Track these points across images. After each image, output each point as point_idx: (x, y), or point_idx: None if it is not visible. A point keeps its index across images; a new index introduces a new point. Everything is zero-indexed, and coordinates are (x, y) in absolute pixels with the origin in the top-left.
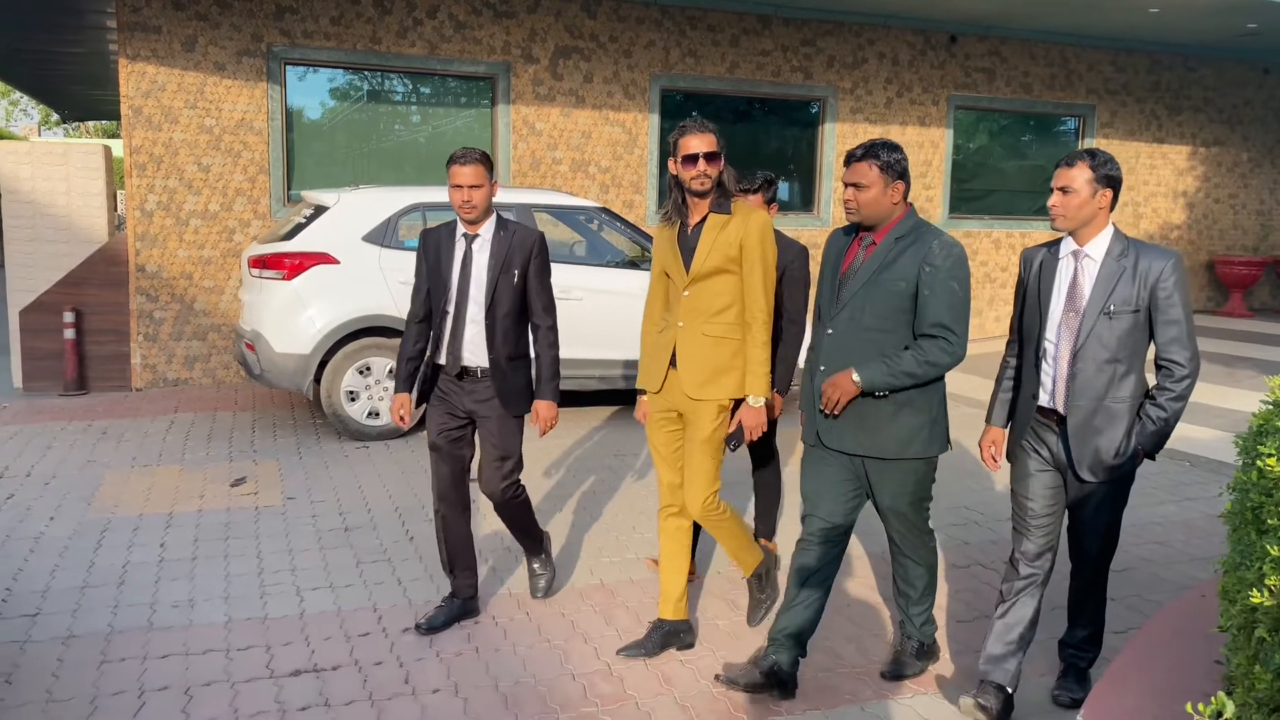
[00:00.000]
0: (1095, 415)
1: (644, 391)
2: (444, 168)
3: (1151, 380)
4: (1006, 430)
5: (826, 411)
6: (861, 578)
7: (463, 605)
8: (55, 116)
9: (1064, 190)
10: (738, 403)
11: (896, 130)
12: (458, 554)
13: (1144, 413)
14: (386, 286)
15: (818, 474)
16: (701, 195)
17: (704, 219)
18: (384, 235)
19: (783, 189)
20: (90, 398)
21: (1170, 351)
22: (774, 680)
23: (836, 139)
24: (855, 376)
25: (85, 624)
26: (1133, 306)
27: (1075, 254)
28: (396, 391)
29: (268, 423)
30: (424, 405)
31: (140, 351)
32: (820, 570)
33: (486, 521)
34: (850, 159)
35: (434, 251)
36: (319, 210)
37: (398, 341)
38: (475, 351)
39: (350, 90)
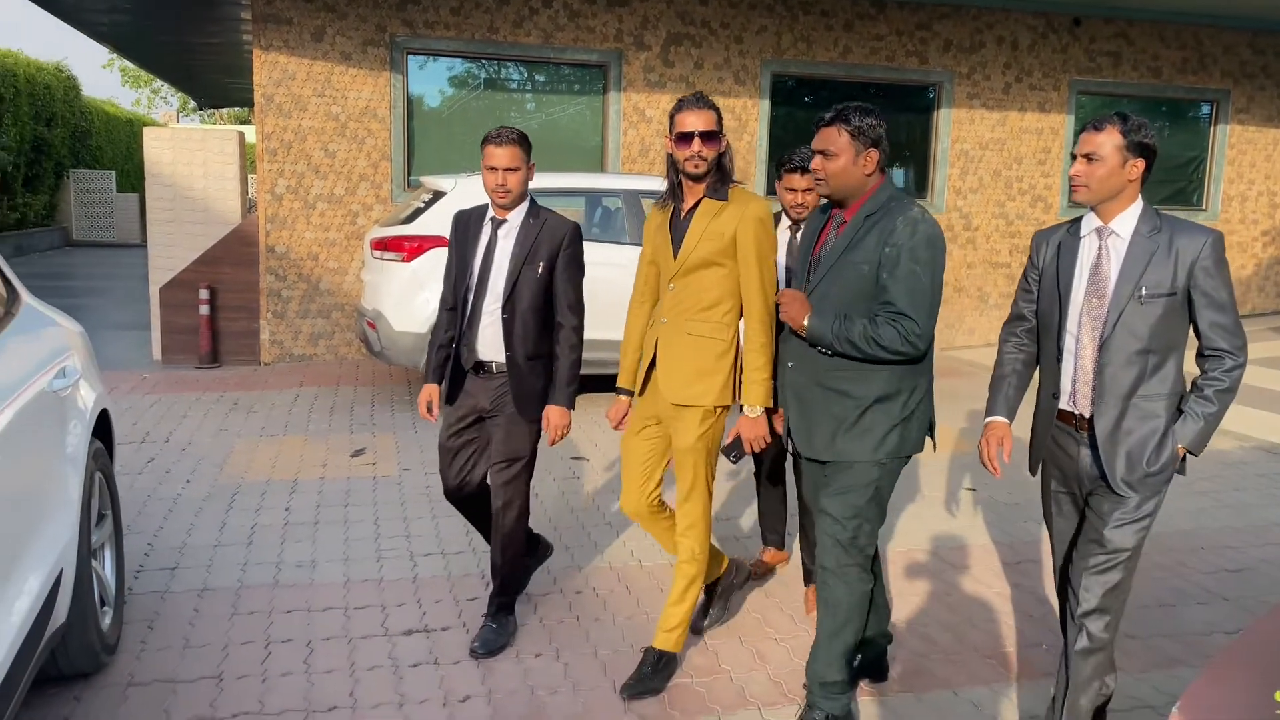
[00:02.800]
0: (1126, 416)
1: (627, 391)
2: (556, 154)
3: (1189, 371)
4: (1011, 424)
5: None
6: (964, 568)
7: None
8: (192, 104)
9: (1089, 157)
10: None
11: (1015, 116)
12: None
13: (1188, 407)
14: None
15: (807, 478)
16: (696, 179)
17: (697, 204)
18: None
19: (898, 176)
20: (222, 371)
21: (1218, 338)
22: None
23: (952, 125)
24: (806, 320)
25: (218, 579)
26: (1168, 289)
27: (1100, 231)
28: (426, 382)
29: (386, 397)
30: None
31: (269, 328)
32: None
33: (586, 493)
34: (818, 123)
35: (462, 234)
36: (437, 195)
37: None
38: (490, 345)
39: (467, 78)
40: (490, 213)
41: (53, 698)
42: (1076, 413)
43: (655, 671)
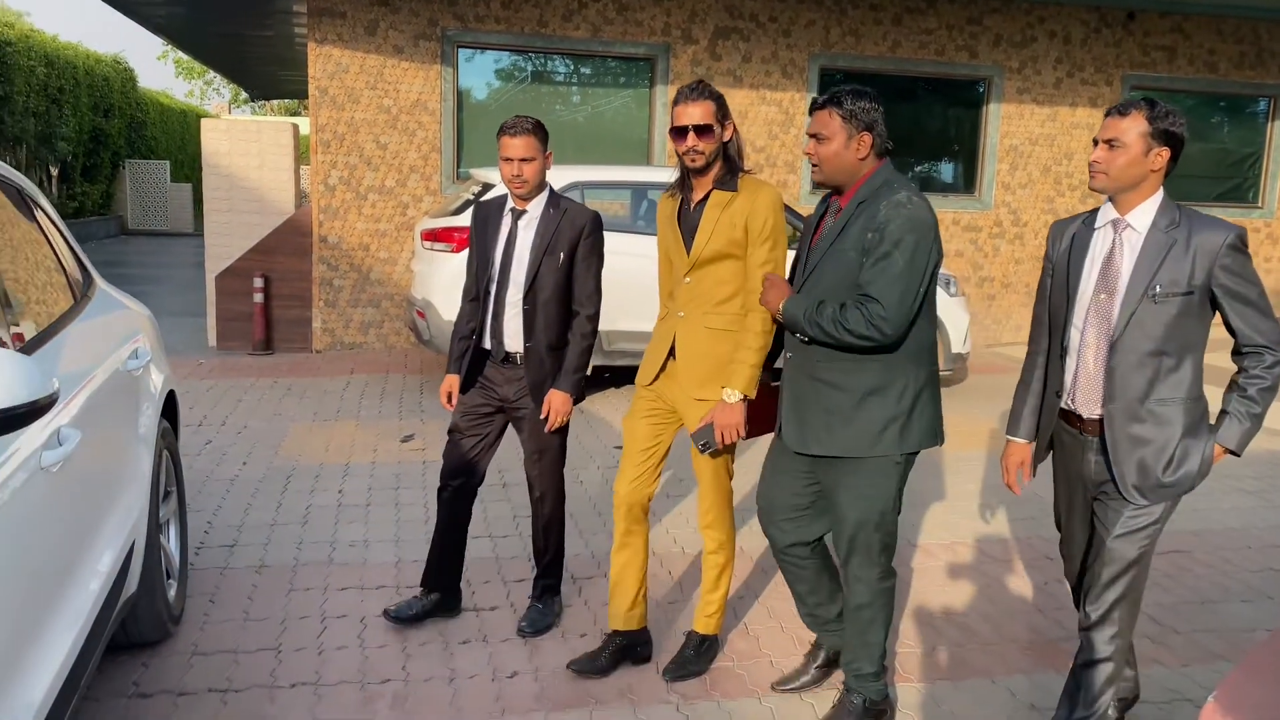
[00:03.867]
0: (1136, 421)
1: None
2: (602, 148)
3: (1206, 375)
4: (1033, 445)
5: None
6: (1004, 561)
7: (442, 601)
8: (244, 95)
9: (1111, 144)
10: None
11: (1066, 111)
12: (447, 543)
13: (1230, 406)
14: None
15: (772, 477)
16: (697, 172)
17: (707, 196)
18: None
19: (946, 170)
20: (275, 357)
21: (1254, 335)
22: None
23: (1001, 120)
24: (782, 304)
25: (275, 556)
26: (1184, 288)
27: (1115, 224)
28: (448, 372)
29: (434, 385)
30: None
31: (321, 316)
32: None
33: None
34: (813, 107)
35: (482, 226)
36: (486, 187)
37: None
38: (515, 337)
39: (515, 71)
40: (510, 204)
41: (123, 664)
42: (1076, 412)
43: (698, 655)
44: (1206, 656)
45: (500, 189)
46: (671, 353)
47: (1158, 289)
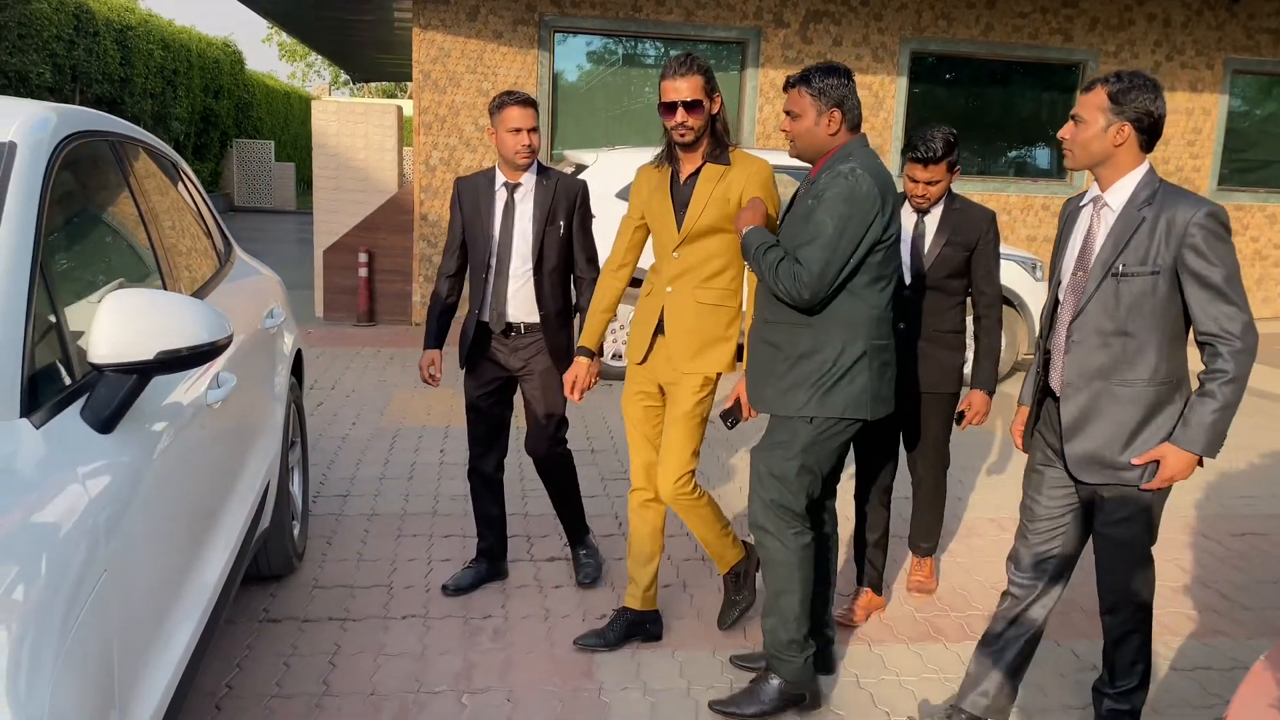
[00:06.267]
0: (1097, 399)
1: (589, 352)
2: None
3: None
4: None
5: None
6: None
7: (491, 568)
8: (344, 78)
9: (1074, 119)
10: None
11: (1164, 96)
12: (489, 516)
13: (1188, 410)
14: None
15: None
16: (685, 147)
17: (698, 170)
18: None
19: (1038, 156)
20: (378, 328)
21: (1212, 322)
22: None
23: None
24: (746, 229)
25: (384, 506)
26: (1150, 267)
27: (1095, 201)
28: (426, 348)
29: None
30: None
31: (420, 290)
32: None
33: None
34: (786, 85)
35: (471, 201)
36: (579, 169)
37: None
38: (520, 307)
39: (606, 55)
40: (501, 178)
41: (255, 593)
42: (1050, 386)
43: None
44: (1273, 631)
45: (599, 169)
46: (660, 329)
47: (1121, 267)
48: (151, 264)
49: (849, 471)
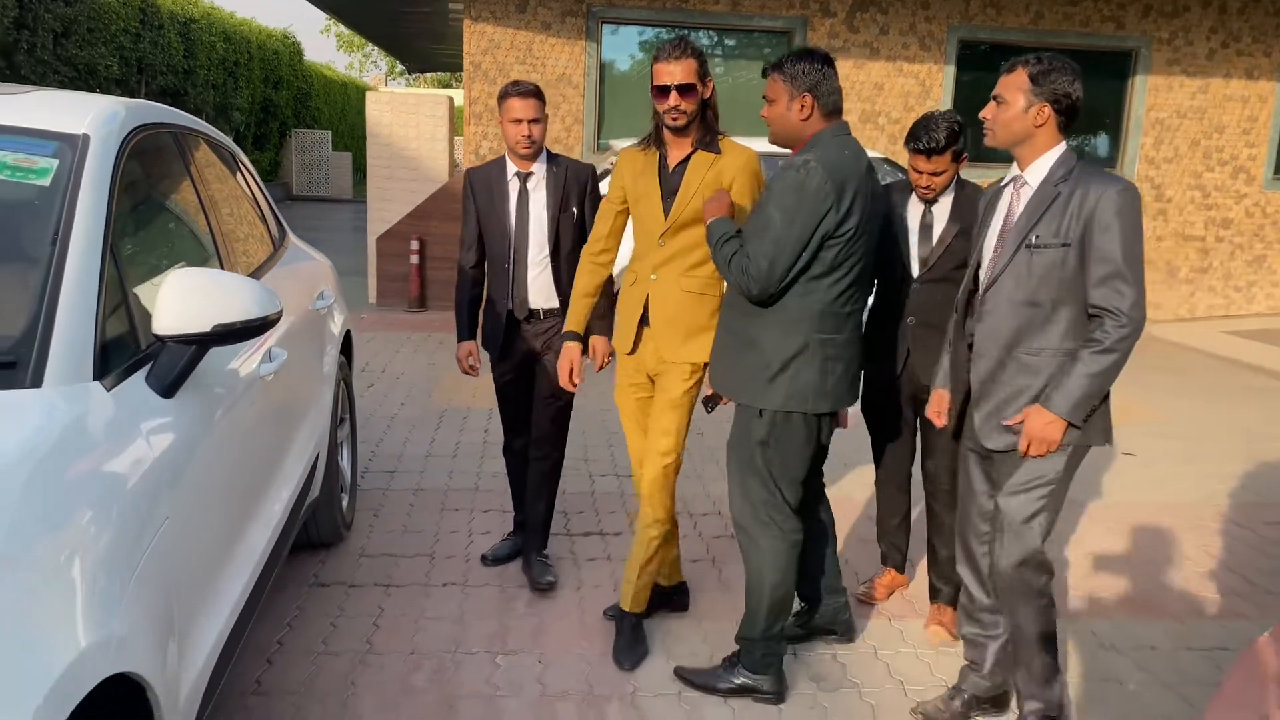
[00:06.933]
0: (1004, 367)
1: (576, 336)
2: (737, 118)
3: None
4: (949, 392)
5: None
6: (1113, 522)
7: (527, 539)
8: (399, 68)
9: (996, 99)
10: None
11: (1219, 84)
12: (523, 492)
13: (1061, 370)
14: None
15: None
16: (676, 131)
17: (687, 157)
18: None
19: (1087, 144)
20: (428, 314)
21: (1100, 296)
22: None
23: (1148, 93)
24: (711, 219)
25: (429, 481)
26: (1061, 239)
27: (1015, 180)
28: (460, 340)
29: None
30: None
31: None
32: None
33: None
34: (763, 73)
35: (485, 192)
36: None
37: None
38: (540, 293)
39: (654, 45)
40: (513, 168)
41: (305, 559)
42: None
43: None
44: None
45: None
46: (644, 319)
47: (1034, 239)
48: (210, 247)
49: (867, 459)
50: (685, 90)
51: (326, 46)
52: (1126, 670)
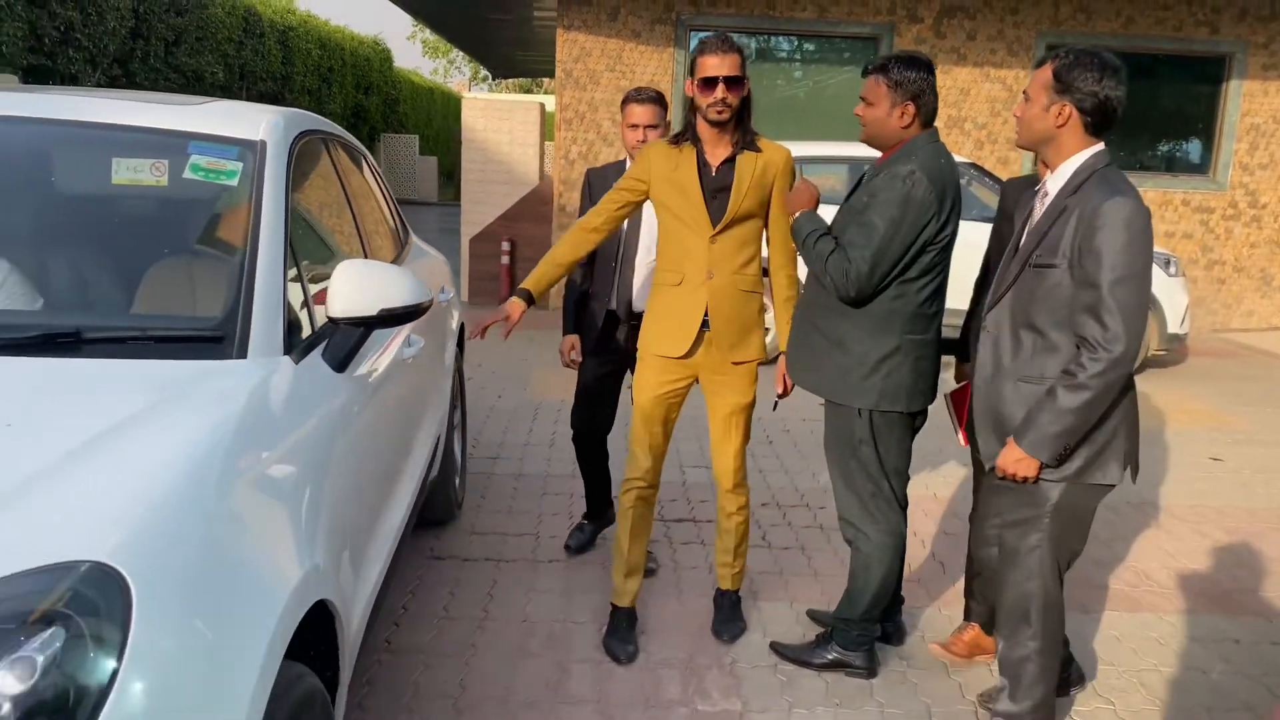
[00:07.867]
0: (996, 393)
1: (527, 294)
2: (821, 123)
3: None
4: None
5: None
6: (1194, 522)
7: (597, 528)
8: (483, 73)
9: (1025, 95)
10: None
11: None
12: (594, 483)
13: (1036, 403)
14: None
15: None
16: (718, 125)
17: (731, 157)
18: None
19: (1179, 150)
20: None
21: (1080, 324)
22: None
23: (1242, 98)
24: (799, 213)
25: (529, 468)
26: (1053, 259)
27: (1039, 186)
28: (566, 333)
29: None
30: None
31: None
32: None
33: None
34: (864, 72)
35: (601, 192)
36: None
37: None
38: (644, 295)
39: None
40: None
41: (422, 535)
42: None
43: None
44: None
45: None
46: (705, 322)
47: (1037, 257)
48: (356, 242)
49: (964, 493)
50: (732, 83)
51: (413, 52)
52: (1209, 661)
